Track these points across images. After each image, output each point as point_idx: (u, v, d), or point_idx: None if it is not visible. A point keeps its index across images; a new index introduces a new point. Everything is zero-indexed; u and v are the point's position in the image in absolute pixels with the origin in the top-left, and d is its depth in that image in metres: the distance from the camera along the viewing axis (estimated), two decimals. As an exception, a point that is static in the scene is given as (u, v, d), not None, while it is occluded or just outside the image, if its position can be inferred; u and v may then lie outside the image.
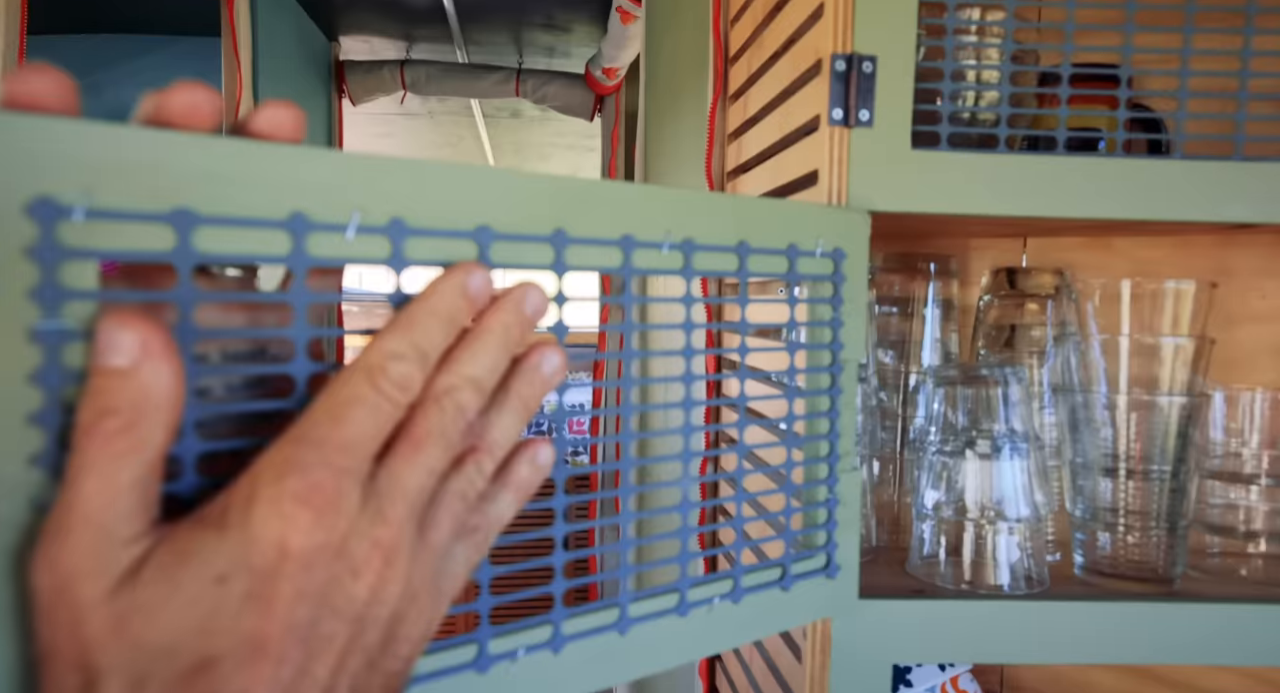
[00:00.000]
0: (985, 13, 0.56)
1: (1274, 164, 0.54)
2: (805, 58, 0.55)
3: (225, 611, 0.25)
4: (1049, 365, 0.69)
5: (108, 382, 0.25)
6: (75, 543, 0.24)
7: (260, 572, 0.25)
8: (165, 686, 0.25)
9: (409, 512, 0.29)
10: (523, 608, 0.39)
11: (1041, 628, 0.55)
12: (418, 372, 0.29)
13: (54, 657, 0.25)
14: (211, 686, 0.25)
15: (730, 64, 0.77)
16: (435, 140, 3.15)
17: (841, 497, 0.51)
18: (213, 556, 0.25)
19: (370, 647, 0.29)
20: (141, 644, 0.25)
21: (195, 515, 0.26)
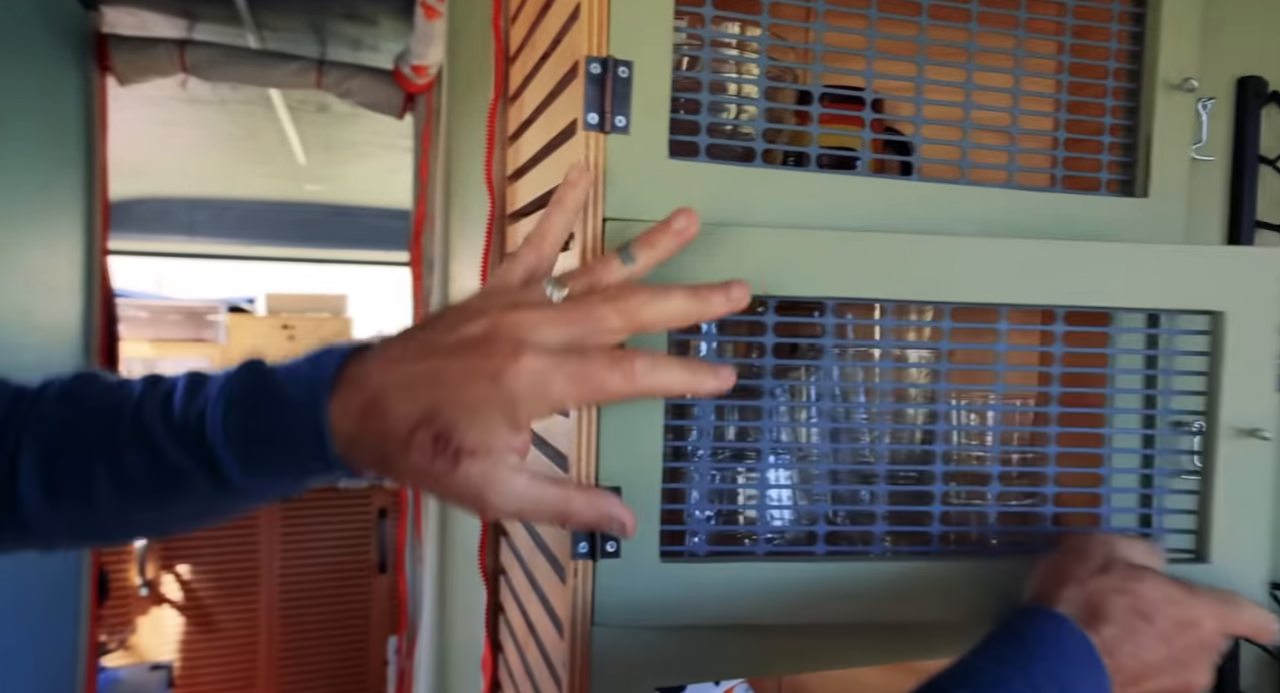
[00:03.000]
0: (746, 28, 0.57)
1: (993, 190, 0.58)
2: (566, 60, 0.54)
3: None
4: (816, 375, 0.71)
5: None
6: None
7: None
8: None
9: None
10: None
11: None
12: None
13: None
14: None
15: (510, 64, 0.75)
16: (232, 133, 2.96)
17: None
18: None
19: None
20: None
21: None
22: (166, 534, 0.46)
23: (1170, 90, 0.61)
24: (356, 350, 0.46)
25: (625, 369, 0.44)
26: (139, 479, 0.45)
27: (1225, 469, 0.57)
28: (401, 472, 0.45)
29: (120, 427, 0.46)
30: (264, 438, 0.45)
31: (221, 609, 3.17)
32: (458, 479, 0.44)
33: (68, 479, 0.45)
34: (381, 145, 3.25)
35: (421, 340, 0.45)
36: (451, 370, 0.44)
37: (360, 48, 2.17)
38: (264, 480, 0.47)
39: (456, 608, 1.35)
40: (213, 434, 0.45)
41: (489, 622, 0.82)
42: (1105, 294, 0.56)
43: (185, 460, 0.45)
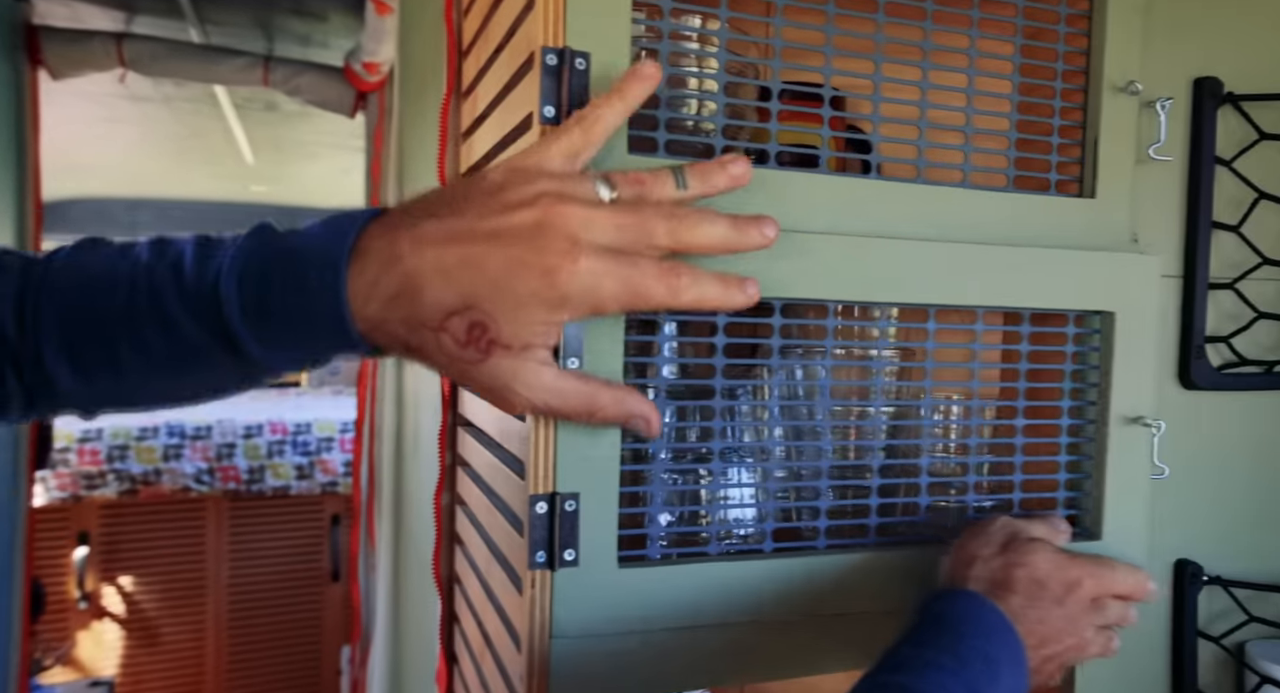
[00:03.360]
0: (706, 21, 0.56)
1: (948, 189, 0.58)
2: (521, 52, 0.52)
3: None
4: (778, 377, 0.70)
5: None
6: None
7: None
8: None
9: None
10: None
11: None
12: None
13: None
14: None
15: (463, 58, 0.73)
16: (176, 131, 2.89)
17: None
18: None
19: None
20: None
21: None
22: (204, 401, 0.45)
23: (1115, 93, 0.62)
24: (375, 217, 0.44)
25: (671, 283, 0.44)
26: (161, 353, 0.45)
27: (1115, 455, 0.62)
28: (426, 357, 0.44)
29: (136, 302, 0.44)
30: (282, 317, 0.44)
31: (166, 621, 3.09)
32: (485, 369, 0.43)
33: (92, 357, 0.45)
34: (333, 145, 3.20)
35: (460, 221, 0.43)
36: (496, 260, 0.42)
37: (309, 44, 2.13)
38: (286, 355, 0.46)
39: (411, 618, 1.33)
40: (229, 311, 0.43)
41: (444, 633, 0.80)
42: (1014, 295, 0.59)
43: (202, 336, 0.44)
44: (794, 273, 0.53)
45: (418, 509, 1.23)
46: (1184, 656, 0.67)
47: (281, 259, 0.44)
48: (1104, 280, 0.61)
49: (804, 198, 0.54)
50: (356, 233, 0.43)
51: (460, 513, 0.76)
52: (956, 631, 0.49)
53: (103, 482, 2.97)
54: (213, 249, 0.45)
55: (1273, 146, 0.67)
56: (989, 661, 0.48)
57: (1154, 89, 0.63)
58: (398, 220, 0.44)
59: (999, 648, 0.49)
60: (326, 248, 0.43)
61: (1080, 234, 0.61)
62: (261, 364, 0.46)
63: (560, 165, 0.45)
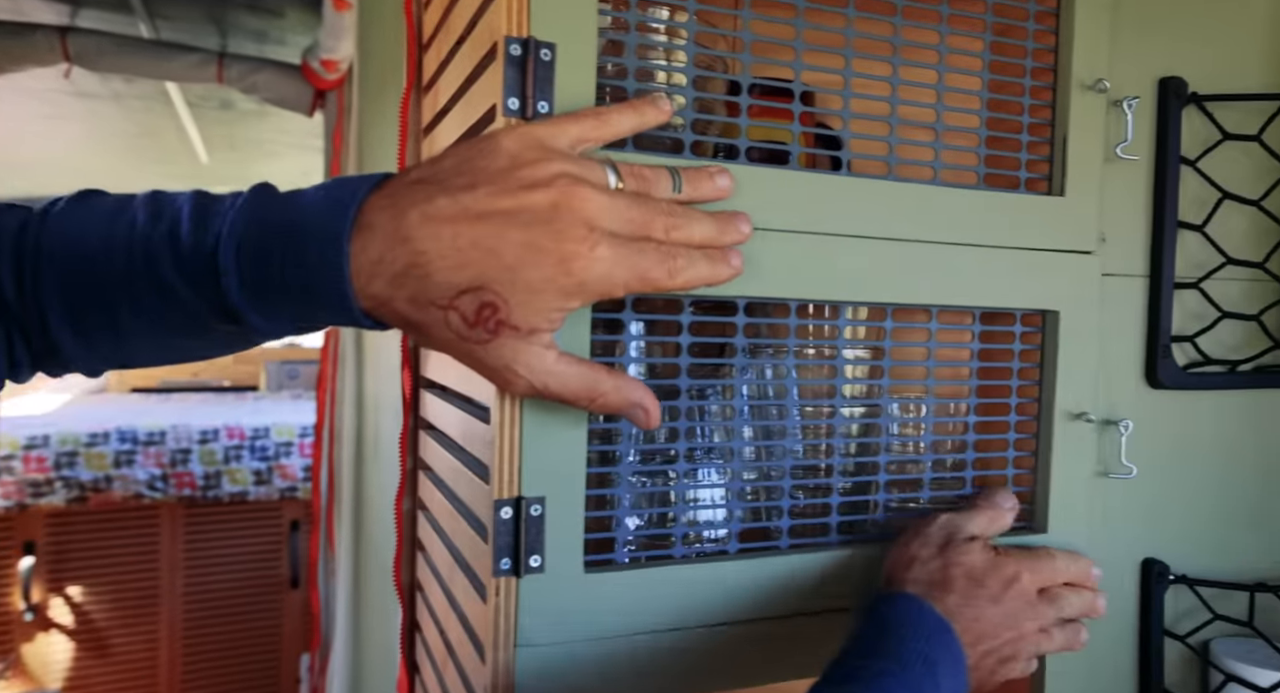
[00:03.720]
0: (674, 14, 0.55)
1: (919, 186, 0.57)
2: (483, 42, 0.51)
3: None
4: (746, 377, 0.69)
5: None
6: None
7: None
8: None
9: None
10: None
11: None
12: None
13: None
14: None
15: (424, 51, 0.71)
16: (126, 129, 2.82)
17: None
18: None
19: None
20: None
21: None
22: (208, 358, 0.45)
23: (1084, 90, 0.62)
24: (377, 186, 0.43)
25: (670, 266, 0.45)
26: (160, 318, 0.45)
27: (1060, 451, 0.63)
28: (430, 333, 0.43)
29: (133, 267, 0.43)
30: (281, 292, 0.43)
31: (118, 632, 3.02)
32: (490, 349, 0.43)
33: (93, 322, 0.45)
34: (291, 145, 3.15)
35: (473, 197, 0.42)
36: (512, 242, 0.41)
37: (265, 41, 2.09)
38: (286, 325, 0.45)
39: (372, 625, 1.30)
40: (226, 282, 0.43)
41: (405, 642, 0.78)
42: (962, 294, 0.59)
43: (199, 304, 0.44)
44: (756, 271, 0.52)
45: (378, 515, 1.20)
46: (1151, 654, 0.67)
47: (281, 230, 0.43)
48: (1049, 280, 0.61)
49: (773, 195, 0.53)
50: (358, 206, 0.42)
51: (422, 518, 0.75)
52: (898, 634, 0.50)
53: (50, 490, 2.89)
54: (209, 212, 0.44)
55: (1236, 147, 0.67)
56: (929, 663, 0.49)
57: (1120, 88, 0.63)
58: (403, 192, 0.42)
59: (938, 649, 0.50)
60: (327, 221, 0.42)
61: (1049, 232, 0.61)
62: (261, 331, 0.45)
63: (566, 148, 0.45)
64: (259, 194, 0.45)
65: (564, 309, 0.43)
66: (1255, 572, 0.70)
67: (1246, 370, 0.69)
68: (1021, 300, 0.61)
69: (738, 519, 0.58)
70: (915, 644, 0.49)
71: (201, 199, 0.45)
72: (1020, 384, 0.63)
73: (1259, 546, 0.70)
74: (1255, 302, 0.69)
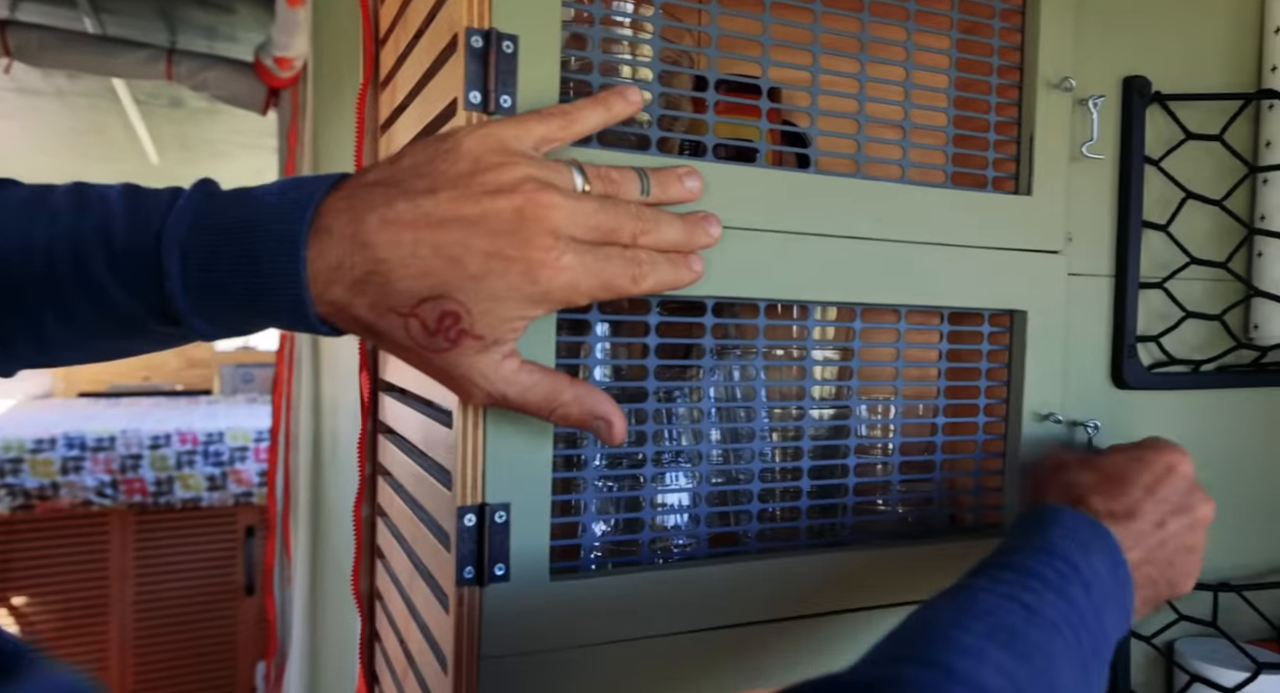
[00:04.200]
0: (639, 7, 0.53)
1: (887, 184, 0.57)
2: (443, 34, 0.49)
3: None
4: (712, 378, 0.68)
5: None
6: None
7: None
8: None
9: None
10: None
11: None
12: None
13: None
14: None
15: (381, 46, 0.70)
16: (71, 127, 2.75)
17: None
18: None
19: None
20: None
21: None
22: (143, 354, 0.43)
23: (1050, 89, 0.62)
24: (334, 187, 0.41)
25: (633, 272, 0.44)
26: (91, 322, 0.42)
27: (1027, 451, 0.62)
28: (388, 340, 0.42)
29: (57, 269, 0.41)
30: (231, 299, 0.41)
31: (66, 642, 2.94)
32: (448, 358, 0.42)
33: (10, 327, 0.42)
34: (244, 144, 3.09)
35: (434, 202, 0.40)
36: (475, 250, 0.40)
37: (216, 37, 2.04)
38: (232, 330, 0.43)
39: (330, 634, 1.27)
40: (170, 286, 0.40)
41: (364, 652, 0.76)
42: (929, 294, 0.58)
43: (136, 307, 0.41)
44: (722, 271, 0.51)
45: (336, 521, 1.18)
46: (1117, 656, 0.67)
47: (231, 233, 0.40)
48: (1017, 279, 0.61)
49: (741, 193, 0.52)
50: (315, 208, 0.40)
51: (382, 525, 0.73)
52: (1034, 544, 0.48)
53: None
54: (145, 208, 0.41)
55: (1198, 146, 0.68)
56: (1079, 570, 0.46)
57: (1086, 87, 0.63)
58: (361, 194, 0.41)
59: (1092, 553, 0.48)
60: (281, 225, 0.40)
61: (1017, 231, 0.61)
62: (204, 333, 0.43)
63: (530, 149, 0.43)
64: (202, 192, 0.42)
65: (527, 318, 0.42)
66: (1219, 572, 0.70)
67: (1209, 370, 0.70)
68: (989, 300, 0.60)
69: (706, 524, 0.57)
70: (1067, 550, 0.47)
71: (134, 194, 0.42)
72: (988, 385, 0.63)
73: (1222, 545, 0.70)
74: (1218, 301, 0.70)
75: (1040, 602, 0.43)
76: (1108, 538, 0.49)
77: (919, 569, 0.59)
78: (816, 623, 0.57)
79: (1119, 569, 0.48)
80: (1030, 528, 0.49)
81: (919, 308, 0.59)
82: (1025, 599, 0.42)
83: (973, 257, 0.59)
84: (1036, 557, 0.46)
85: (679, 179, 0.48)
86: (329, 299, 0.40)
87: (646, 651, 0.52)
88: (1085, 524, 0.49)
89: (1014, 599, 0.42)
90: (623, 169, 0.46)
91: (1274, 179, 0.69)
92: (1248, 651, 0.65)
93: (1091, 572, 0.46)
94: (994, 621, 0.41)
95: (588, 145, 0.49)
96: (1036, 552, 0.46)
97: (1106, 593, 0.46)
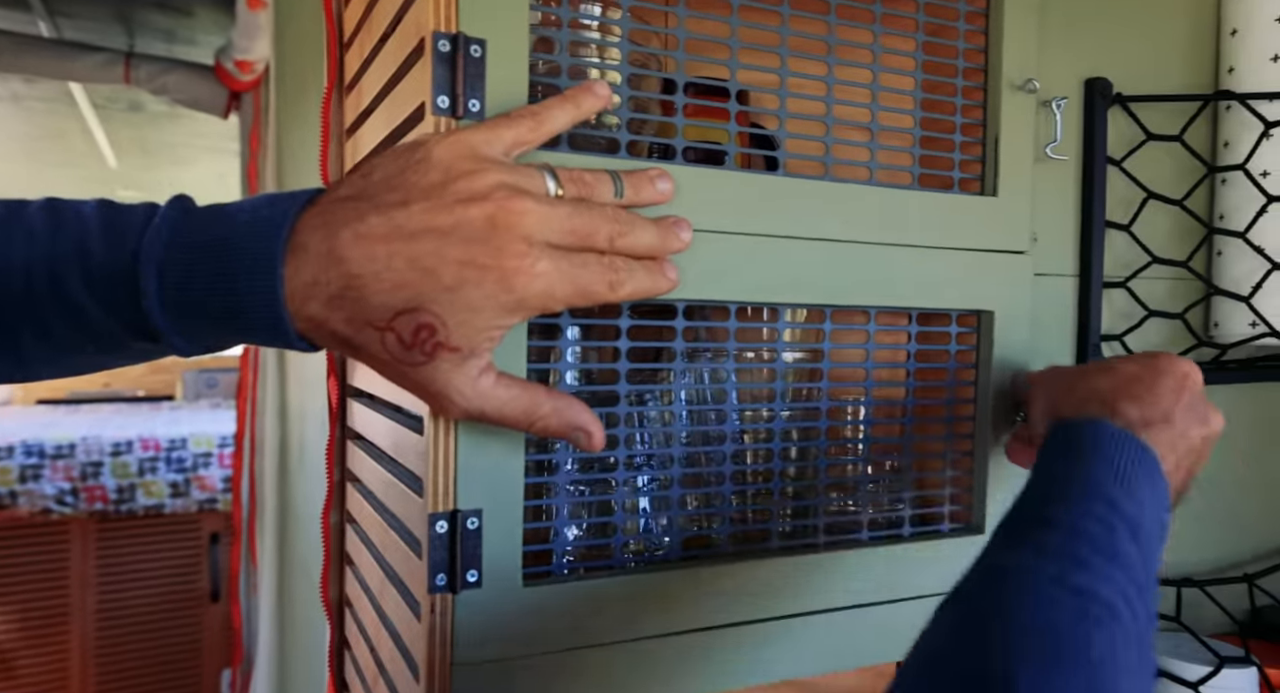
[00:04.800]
0: (607, 10, 0.53)
1: (855, 186, 0.57)
2: (409, 38, 0.49)
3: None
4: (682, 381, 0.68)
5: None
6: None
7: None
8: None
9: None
10: None
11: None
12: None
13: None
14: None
15: (345, 50, 0.69)
16: (27, 132, 2.70)
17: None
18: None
19: None
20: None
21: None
22: (119, 367, 0.42)
23: (1014, 90, 0.62)
24: (308, 204, 0.41)
25: (610, 279, 0.44)
26: (68, 339, 0.42)
27: (996, 451, 0.63)
28: (365, 354, 0.41)
29: (34, 287, 0.40)
30: (209, 318, 0.40)
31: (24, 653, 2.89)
32: (425, 371, 0.41)
33: None
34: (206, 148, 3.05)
35: (406, 214, 0.40)
36: (449, 260, 0.40)
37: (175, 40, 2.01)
38: (210, 346, 0.43)
39: (298, 642, 1.26)
40: (148, 304, 0.40)
41: (333, 660, 0.75)
42: (897, 295, 0.59)
43: (112, 324, 0.41)
44: (692, 274, 0.51)
45: (304, 527, 1.16)
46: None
47: (207, 251, 0.40)
48: (983, 280, 0.62)
49: (710, 195, 0.52)
50: (290, 226, 0.40)
51: (351, 532, 0.72)
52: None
53: (-50, 507, 2.75)
54: (121, 226, 0.41)
55: (1159, 147, 0.69)
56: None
57: (1049, 89, 0.64)
58: (334, 210, 0.40)
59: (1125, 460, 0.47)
60: (258, 244, 0.40)
61: (983, 232, 0.61)
62: (181, 350, 0.42)
63: (501, 154, 0.43)
64: (178, 208, 0.42)
65: (503, 327, 0.42)
66: (1182, 567, 0.71)
67: (1171, 367, 0.71)
68: (956, 301, 0.61)
69: (679, 527, 0.57)
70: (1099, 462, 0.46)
71: (109, 211, 0.42)
72: (956, 384, 0.63)
73: (1185, 542, 0.71)
74: (1179, 300, 0.71)
75: (1092, 580, 0.39)
76: (1149, 456, 0.47)
77: (891, 569, 0.59)
78: (789, 624, 0.57)
79: (1159, 487, 0.47)
80: (1066, 453, 0.48)
81: (887, 309, 0.59)
82: (1075, 581, 0.39)
83: (940, 258, 0.60)
84: (1078, 505, 0.43)
85: (650, 181, 0.48)
86: (306, 315, 0.40)
87: (620, 654, 0.52)
88: (1125, 444, 0.47)
89: (1061, 584, 0.39)
90: (595, 171, 0.46)
91: (1232, 179, 0.70)
92: (1211, 645, 0.66)
93: (1136, 508, 0.44)
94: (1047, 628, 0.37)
95: (556, 149, 0.48)
96: (1078, 499, 0.44)
97: (1152, 530, 0.44)
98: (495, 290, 0.40)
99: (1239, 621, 0.69)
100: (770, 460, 0.58)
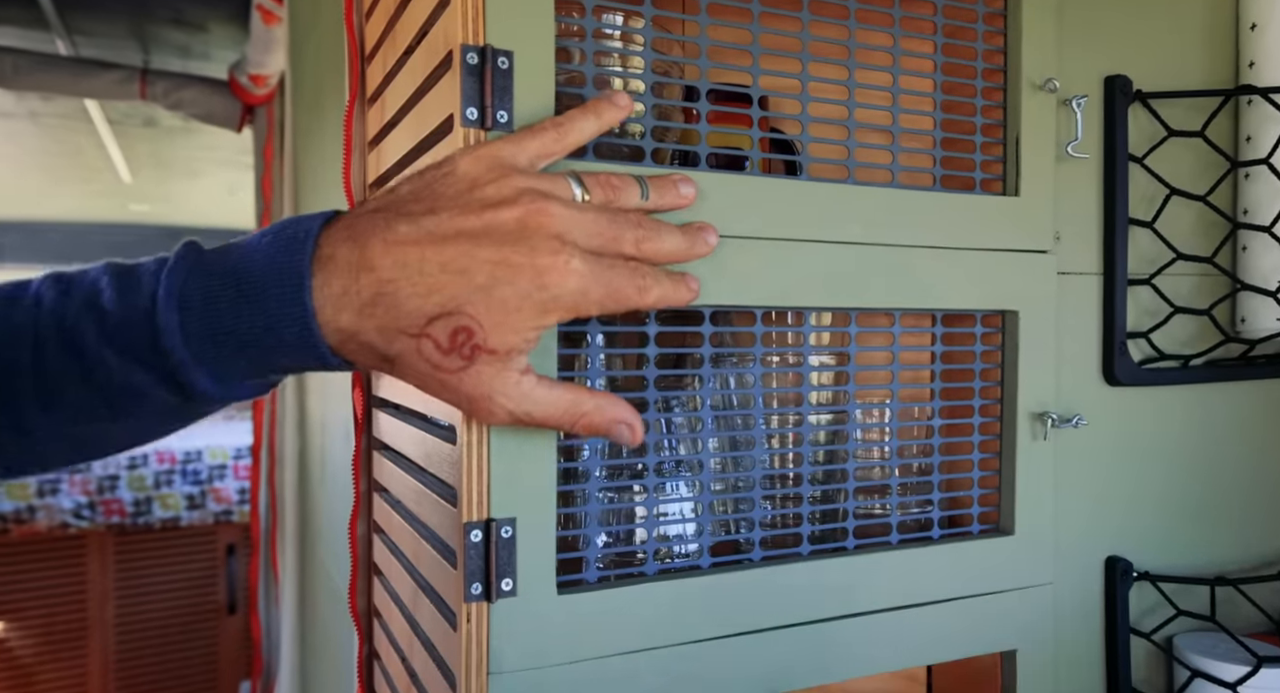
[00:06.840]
0: (629, 19, 0.54)
1: (877, 189, 0.57)
2: (437, 51, 0.49)
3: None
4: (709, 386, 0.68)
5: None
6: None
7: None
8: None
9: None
10: None
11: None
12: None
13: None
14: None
15: (367, 63, 0.69)
16: (44, 148, 2.72)
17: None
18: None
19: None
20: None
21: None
22: (133, 447, 0.41)
23: (1034, 90, 0.62)
24: (329, 222, 0.41)
25: (640, 284, 0.44)
26: (81, 406, 0.41)
27: (1023, 449, 0.63)
28: (403, 366, 0.41)
29: (44, 354, 0.40)
30: (236, 340, 0.40)
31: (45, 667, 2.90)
32: (466, 378, 0.41)
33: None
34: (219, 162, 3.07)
35: (436, 220, 0.40)
36: (481, 261, 0.40)
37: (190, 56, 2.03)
38: (236, 384, 0.42)
39: (324, 654, 1.26)
40: (169, 342, 0.39)
41: (362, 671, 0.75)
42: (921, 297, 0.58)
43: (133, 374, 0.40)
44: (717, 279, 0.51)
45: (328, 539, 1.17)
46: (1118, 652, 0.67)
47: (230, 275, 0.40)
48: (1008, 280, 0.61)
49: (733, 201, 0.52)
50: (314, 240, 0.40)
51: (378, 542, 0.72)
52: None
53: (-30, 523, 2.77)
54: (135, 279, 0.41)
55: (1180, 143, 0.69)
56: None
57: (1069, 88, 0.64)
58: (362, 224, 0.40)
59: None
60: (283, 260, 0.40)
61: (1006, 232, 0.61)
62: (207, 396, 0.42)
63: (527, 165, 0.43)
64: (191, 250, 0.42)
65: (540, 327, 0.42)
66: (1215, 565, 0.71)
67: (1199, 365, 0.70)
68: (981, 301, 0.61)
69: (709, 533, 0.57)
70: None
71: (118, 267, 0.42)
72: (983, 385, 0.63)
73: (1218, 539, 0.71)
74: (1205, 296, 0.70)
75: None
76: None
77: (921, 572, 0.59)
78: (820, 629, 0.57)
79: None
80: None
81: (912, 311, 0.59)
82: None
83: (964, 258, 0.60)
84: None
85: (674, 186, 0.48)
86: (339, 326, 0.40)
87: (654, 661, 0.52)
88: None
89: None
90: (622, 176, 0.46)
91: (1256, 173, 0.70)
92: (1247, 644, 0.65)
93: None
94: None
95: (582, 158, 0.49)
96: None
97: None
98: (530, 288, 0.40)
99: (1275, 620, 0.69)
100: (799, 464, 0.58)
